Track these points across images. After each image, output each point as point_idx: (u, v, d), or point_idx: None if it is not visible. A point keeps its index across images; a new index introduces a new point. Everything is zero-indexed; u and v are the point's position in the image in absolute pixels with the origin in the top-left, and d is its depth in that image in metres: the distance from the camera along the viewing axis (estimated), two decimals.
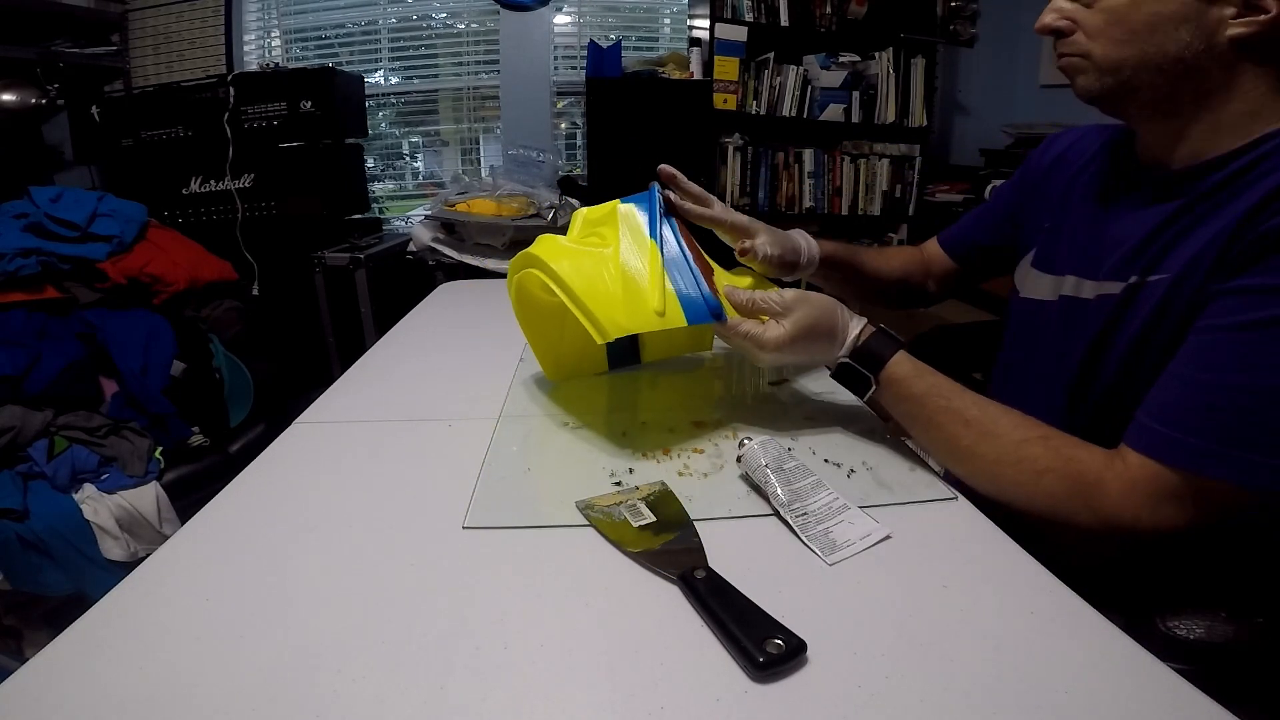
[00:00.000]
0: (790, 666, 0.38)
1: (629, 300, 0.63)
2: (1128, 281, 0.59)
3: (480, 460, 0.63)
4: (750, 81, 2.63)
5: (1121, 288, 0.59)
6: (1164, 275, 0.56)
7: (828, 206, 2.82)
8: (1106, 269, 0.62)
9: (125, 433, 1.48)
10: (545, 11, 2.61)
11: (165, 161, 2.29)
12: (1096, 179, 0.69)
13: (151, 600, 0.45)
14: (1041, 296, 0.72)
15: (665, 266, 0.66)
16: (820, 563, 0.48)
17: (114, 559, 1.35)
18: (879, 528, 0.51)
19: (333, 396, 0.81)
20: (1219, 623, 0.57)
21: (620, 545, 0.50)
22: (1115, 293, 0.60)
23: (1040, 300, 0.72)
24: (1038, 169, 0.79)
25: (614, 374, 0.84)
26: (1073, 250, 0.68)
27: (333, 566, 0.48)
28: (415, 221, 2.52)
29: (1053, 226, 0.72)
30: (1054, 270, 0.70)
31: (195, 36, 2.62)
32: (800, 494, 0.54)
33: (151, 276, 1.77)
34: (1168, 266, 0.56)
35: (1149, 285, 0.57)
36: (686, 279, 0.66)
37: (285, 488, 0.60)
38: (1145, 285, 0.57)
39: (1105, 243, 0.63)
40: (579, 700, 0.37)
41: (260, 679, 0.38)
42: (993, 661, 0.39)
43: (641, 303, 0.63)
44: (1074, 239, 0.68)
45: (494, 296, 1.34)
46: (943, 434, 0.59)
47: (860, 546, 0.50)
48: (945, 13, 2.73)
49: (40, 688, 0.38)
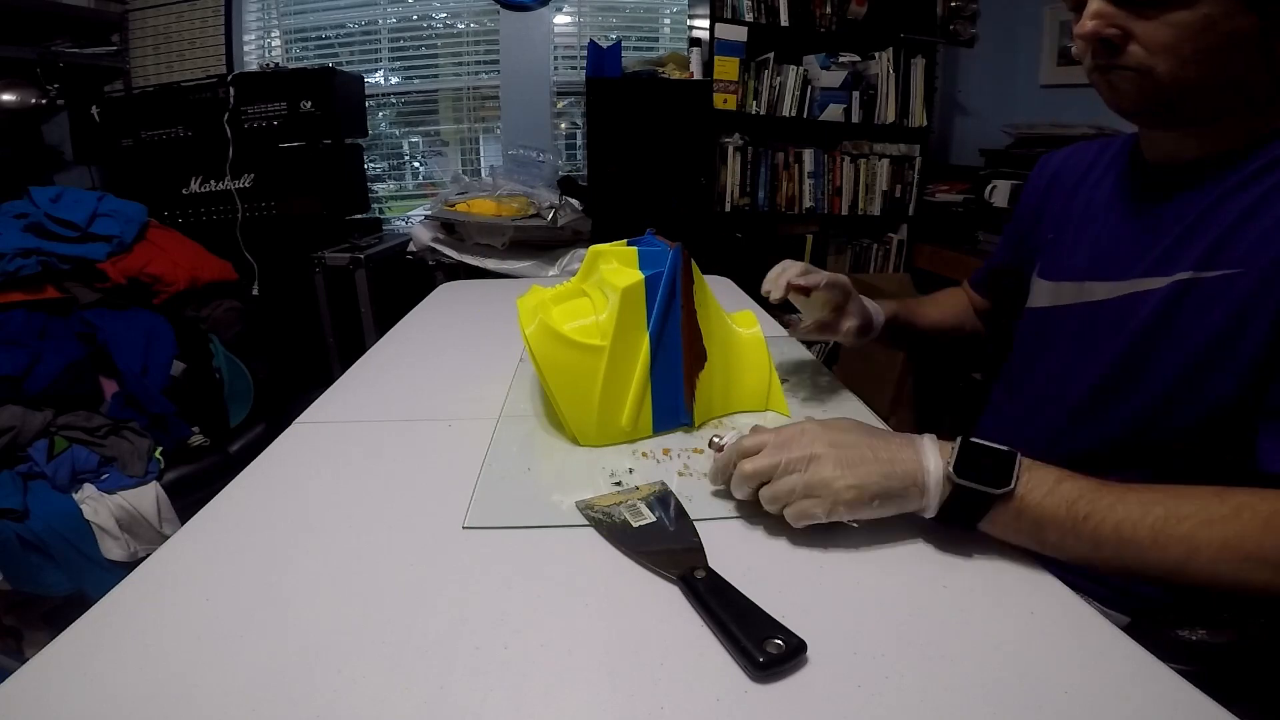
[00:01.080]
0: (790, 666, 0.38)
1: (604, 410, 0.64)
2: (1174, 278, 0.57)
3: (480, 460, 0.63)
4: (750, 81, 2.63)
5: (1167, 284, 0.57)
6: (1234, 270, 0.53)
7: (828, 206, 2.82)
8: (1138, 267, 0.60)
9: (125, 433, 1.48)
10: (545, 11, 2.61)
11: (165, 161, 2.29)
12: (1101, 185, 0.69)
13: (151, 600, 0.45)
14: (1046, 304, 0.71)
15: (652, 371, 0.65)
16: (820, 563, 0.48)
17: (114, 559, 1.35)
18: None
19: (333, 396, 0.81)
20: (1221, 624, 0.57)
21: (620, 545, 0.50)
22: (1158, 288, 0.58)
23: (1046, 308, 0.72)
24: (1035, 190, 0.80)
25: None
26: (1083, 255, 0.67)
27: (333, 566, 0.48)
28: (415, 221, 2.52)
29: (1055, 237, 0.72)
30: (1060, 277, 0.70)
31: (195, 36, 2.62)
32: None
33: (151, 276, 1.77)
34: (1236, 260, 0.53)
35: (1211, 281, 0.55)
36: (670, 383, 0.67)
37: (285, 488, 0.60)
38: (1202, 281, 0.55)
39: (1123, 242, 0.63)
40: (579, 700, 0.37)
41: (260, 679, 0.38)
42: (993, 661, 0.39)
43: (616, 415, 0.65)
44: (1082, 244, 0.68)
45: (494, 296, 1.34)
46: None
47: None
48: (945, 13, 2.73)
49: (40, 688, 0.38)
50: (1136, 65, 0.54)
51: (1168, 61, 0.52)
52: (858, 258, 2.95)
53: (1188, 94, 0.54)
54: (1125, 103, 0.57)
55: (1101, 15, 0.54)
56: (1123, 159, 0.69)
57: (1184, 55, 0.52)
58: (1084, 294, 0.66)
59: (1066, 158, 0.77)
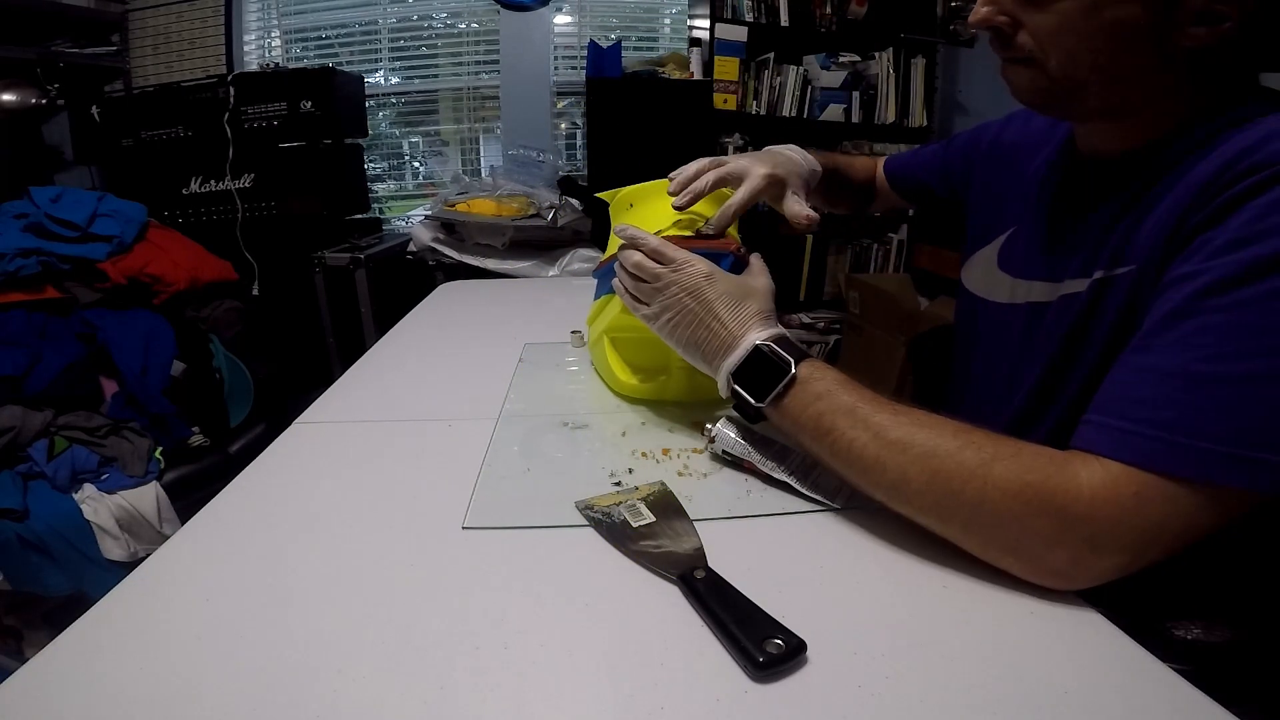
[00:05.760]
0: (790, 666, 0.38)
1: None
2: (1092, 278, 0.55)
3: (480, 460, 0.63)
4: (750, 81, 2.63)
5: (1087, 284, 0.56)
6: (1130, 267, 0.52)
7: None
8: (1070, 268, 0.59)
9: (125, 433, 1.48)
10: (545, 11, 2.61)
11: (165, 161, 2.29)
12: (1049, 180, 0.67)
13: (151, 600, 0.45)
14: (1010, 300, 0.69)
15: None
16: (820, 563, 0.48)
17: (114, 559, 1.35)
18: None
19: (333, 396, 0.81)
20: (1217, 625, 0.57)
21: (620, 545, 0.50)
22: (1080, 290, 0.57)
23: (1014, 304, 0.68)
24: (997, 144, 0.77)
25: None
26: (1035, 255, 0.65)
27: (333, 566, 0.48)
28: (415, 221, 2.52)
29: (1018, 230, 0.70)
30: (1021, 274, 0.67)
31: (195, 36, 2.62)
32: (779, 456, 0.58)
33: (152, 276, 1.77)
34: (1131, 257, 0.52)
35: (1115, 279, 0.53)
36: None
37: (285, 488, 0.60)
38: (1112, 279, 0.54)
39: (1065, 243, 0.61)
40: (579, 700, 0.37)
41: (260, 679, 0.38)
42: (993, 661, 0.39)
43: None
44: (1035, 243, 0.66)
45: (494, 296, 1.34)
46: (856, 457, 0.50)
47: (849, 491, 0.54)
48: (945, 13, 2.73)
49: (40, 688, 0.38)
50: (1025, 55, 0.53)
51: (1056, 53, 0.51)
52: (858, 258, 2.95)
53: (1079, 88, 0.52)
54: (1022, 95, 0.56)
55: (993, 2, 0.53)
56: (1064, 152, 0.66)
57: (1069, 46, 0.50)
58: (1033, 294, 0.65)
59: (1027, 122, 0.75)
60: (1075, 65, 0.51)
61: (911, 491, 0.47)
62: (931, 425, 0.48)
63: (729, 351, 0.57)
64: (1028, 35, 0.52)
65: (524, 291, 1.47)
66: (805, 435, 0.53)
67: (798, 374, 0.53)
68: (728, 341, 0.58)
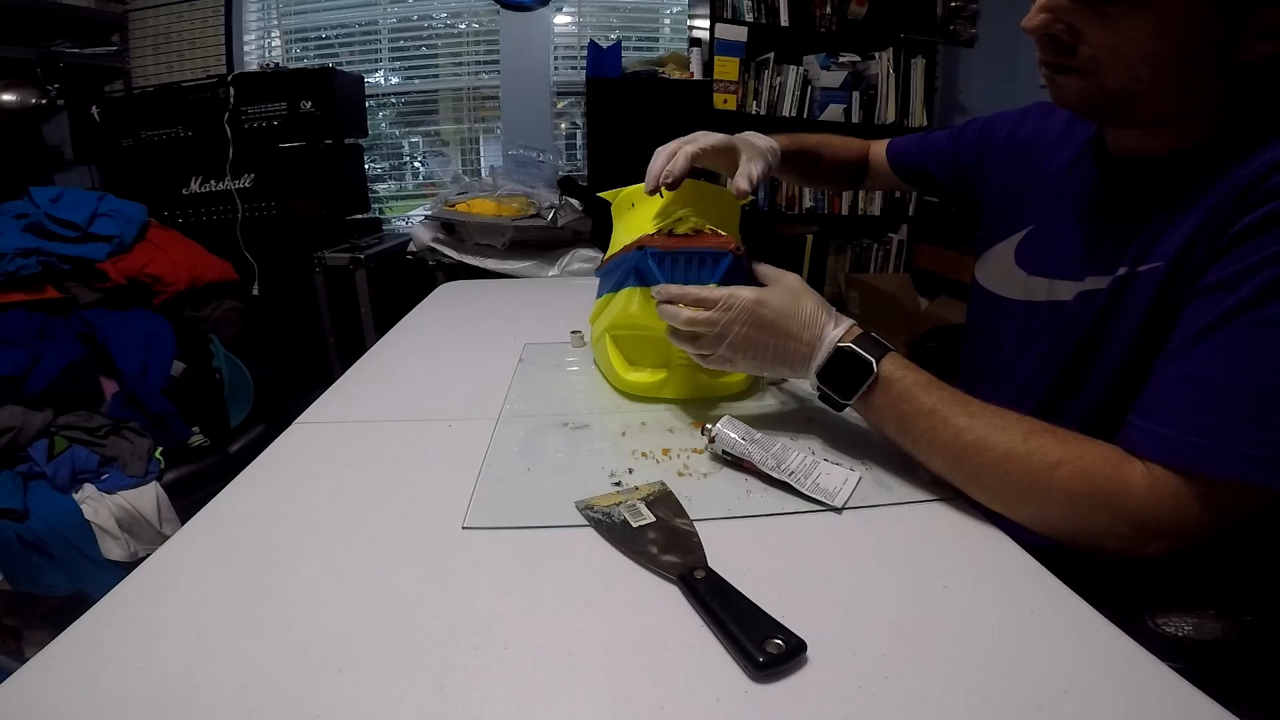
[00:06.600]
0: (790, 666, 0.38)
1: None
2: (1116, 274, 0.56)
3: (480, 460, 0.63)
4: (750, 82, 2.63)
5: (1109, 280, 0.56)
6: (1157, 264, 0.52)
7: (828, 207, 2.82)
8: (1094, 266, 0.59)
9: (125, 433, 1.48)
10: (545, 11, 2.61)
11: (165, 161, 2.29)
12: (1073, 179, 0.67)
13: (151, 600, 0.45)
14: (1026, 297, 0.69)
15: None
16: (820, 563, 0.48)
17: (114, 559, 1.35)
18: (852, 473, 0.57)
19: (333, 396, 0.81)
20: (1207, 620, 0.57)
21: (620, 545, 0.50)
22: (1102, 287, 0.57)
23: (1032, 301, 0.69)
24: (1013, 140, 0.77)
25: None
26: (1058, 252, 0.66)
27: (332, 566, 0.48)
28: (415, 221, 2.52)
29: (1037, 228, 0.70)
30: (1039, 272, 0.68)
31: (195, 36, 2.63)
32: (779, 457, 0.58)
33: (152, 276, 1.77)
34: (1160, 254, 0.53)
35: (1140, 275, 0.54)
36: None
37: (285, 488, 0.60)
38: (1136, 275, 0.54)
39: (1091, 242, 0.61)
40: (579, 700, 0.37)
41: (260, 679, 0.38)
42: (993, 661, 0.39)
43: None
44: (1058, 241, 0.66)
45: (494, 296, 1.35)
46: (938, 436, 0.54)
47: (848, 491, 0.55)
48: (945, 13, 2.73)
49: (40, 688, 0.38)
50: (1081, 67, 0.52)
51: (1117, 67, 0.50)
52: (858, 258, 2.95)
53: (1133, 99, 0.52)
54: (1069, 102, 0.56)
55: (1053, 9, 0.51)
56: (1091, 150, 0.66)
57: (1132, 62, 0.49)
58: (1054, 291, 0.65)
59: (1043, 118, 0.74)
60: (1135, 80, 0.51)
61: (985, 488, 0.53)
62: (1005, 428, 0.52)
63: (812, 358, 0.60)
64: (1089, 48, 0.51)
65: (524, 291, 1.47)
66: (889, 430, 0.58)
67: (880, 373, 0.57)
68: (806, 352, 0.60)
